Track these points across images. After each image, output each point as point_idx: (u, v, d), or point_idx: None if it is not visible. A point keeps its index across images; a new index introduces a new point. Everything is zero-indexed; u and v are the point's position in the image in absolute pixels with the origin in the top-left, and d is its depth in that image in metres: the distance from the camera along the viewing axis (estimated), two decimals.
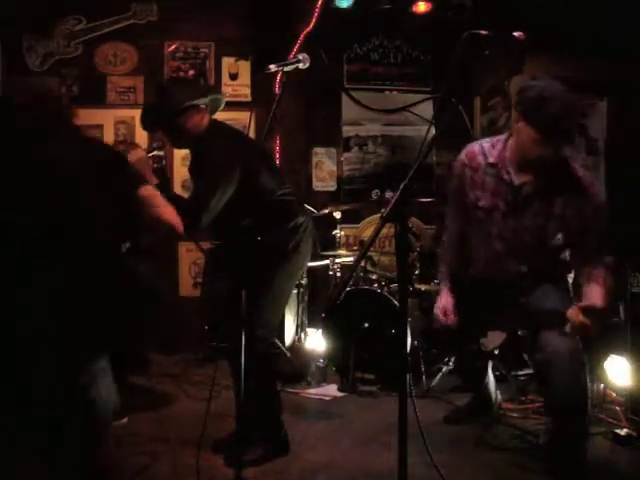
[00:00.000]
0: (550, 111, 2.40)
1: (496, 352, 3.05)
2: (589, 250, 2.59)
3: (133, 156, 2.96)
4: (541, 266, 2.70)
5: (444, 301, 2.92)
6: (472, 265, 2.94)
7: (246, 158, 2.84)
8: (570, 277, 2.85)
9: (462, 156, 2.83)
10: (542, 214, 2.61)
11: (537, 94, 2.45)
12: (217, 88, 5.31)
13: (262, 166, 3.01)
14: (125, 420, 3.58)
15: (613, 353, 3.60)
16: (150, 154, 3.00)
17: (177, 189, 5.13)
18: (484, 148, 2.74)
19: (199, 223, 2.83)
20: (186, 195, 3.23)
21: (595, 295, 2.49)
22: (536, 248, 2.65)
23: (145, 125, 3.14)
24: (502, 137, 2.74)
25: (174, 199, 3.07)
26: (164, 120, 3.00)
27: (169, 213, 1.96)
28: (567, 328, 2.50)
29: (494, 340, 2.92)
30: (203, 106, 3.01)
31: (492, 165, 2.69)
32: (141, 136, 5.19)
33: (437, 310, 2.93)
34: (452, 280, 2.97)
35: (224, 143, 2.96)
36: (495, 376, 4.34)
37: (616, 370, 3.58)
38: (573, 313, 2.46)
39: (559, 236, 2.62)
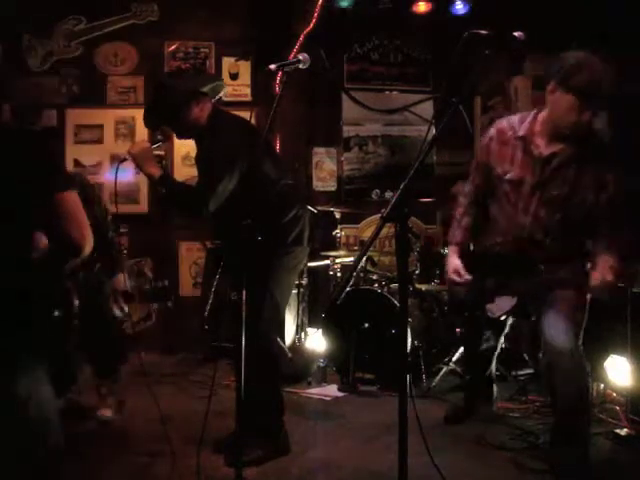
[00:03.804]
0: (591, 74, 2.44)
1: (502, 318, 2.97)
2: (608, 222, 2.62)
3: (137, 147, 2.96)
4: (563, 241, 2.71)
5: (454, 262, 2.97)
6: (488, 238, 2.95)
7: (251, 146, 2.84)
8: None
9: (491, 131, 2.85)
10: (569, 183, 2.62)
11: (576, 61, 2.50)
12: (216, 75, 5.30)
13: (265, 155, 3.02)
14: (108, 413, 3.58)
15: (613, 353, 3.60)
16: (154, 145, 3.01)
17: None
18: (513, 123, 2.77)
19: (207, 207, 2.85)
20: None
21: (611, 258, 2.53)
22: (560, 220, 2.66)
23: (148, 123, 3.14)
24: (531, 112, 2.75)
25: (181, 186, 3.09)
26: (168, 114, 3.00)
27: (83, 230, 1.82)
28: (593, 292, 2.57)
29: (502, 306, 2.85)
30: (204, 95, 3.01)
31: (521, 138, 2.71)
32: (142, 136, 5.20)
33: (449, 271, 3.00)
34: (462, 248, 3.04)
35: (230, 130, 2.97)
36: (495, 376, 4.35)
37: (616, 370, 3.58)
38: (599, 275, 2.49)
39: (583, 206, 2.63)
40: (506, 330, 3.22)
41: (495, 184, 2.84)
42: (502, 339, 3.35)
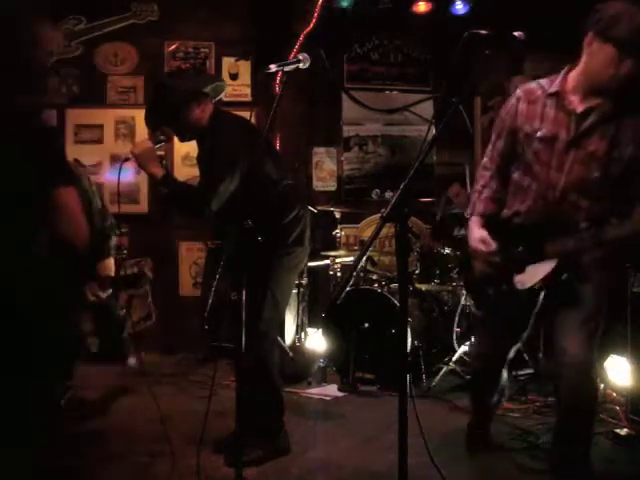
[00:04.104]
0: (631, 23, 2.35)
1: (536, 287, 2.57)
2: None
3: (139, 147, 2.96)
4: (598, 202, 2.53)
5: (478, 232, 2.74)
6: (513, 206, 2.74)
7: (252, 146, 2.84)
8: None
9: (517, 92, 2.70)
10: (607, 139, 2.47)
11: (615, 11, 2.40)
12: (217, 75, 5.30)
13: (267, 155, 3.02)
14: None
15: (613, 353, 3.60)
16: (157, 145, 3.01)
17: None
18: (542, 83, 2.64)
19: (209, 208, 2.85)
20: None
21: None
22: (597, 179, 2.49)
23: (150, 123, 3.13)
24: (560, 73, 2.62)
25: (183, 186, 3.10)
26: (168, 114, 3.00)
27: (78, 227, 1.86)
28: None
29: (536, 273, 2.54)
30: (205, 95, 3.02)
31: (553, 94, 2.57)
32: (142, 136, 5.19)
33: (474, 242, 2.73)
34: (486, 220, 2.81)
35: (231, 130, 2.98)
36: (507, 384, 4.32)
37: (616, 370, 3.58)
38: None
39: (622, 163, 2.47)
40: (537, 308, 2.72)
41: (522, 147, 2.65)
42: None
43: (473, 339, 4.17)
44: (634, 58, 2.37)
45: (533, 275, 2.57)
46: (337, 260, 4.85)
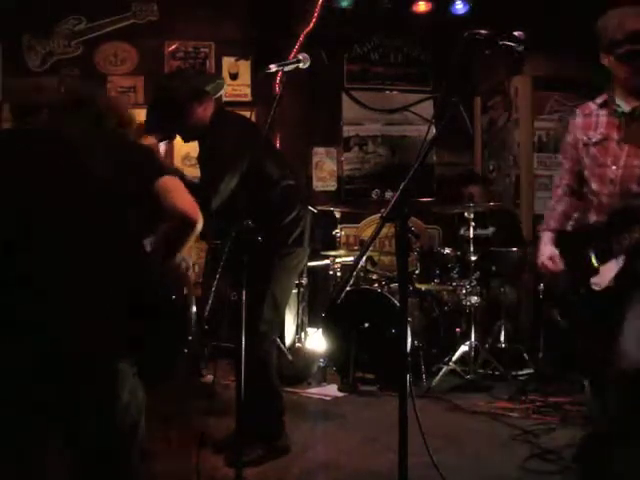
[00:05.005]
0: (608, 31, 2.50)
1: (611, 286, 2.55)
2: None
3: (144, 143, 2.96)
4: None
5: (548, 249, 2.80)
6: (586, 220, 2.79)
7: (253, 145, 2.84)
8: None
9: (575, 111, 2.85)
10: None
11: (600, 25, 2.56)
12: (216, 74, 5.31)
13: (268, 155, 3.02)
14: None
15: None
16: (161, 142, 3.00)
17: None
18: (594, 100, 2.78)
19: (209, 207, 2.85)
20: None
21: None
22: None
23: (151, 124, 3.12)
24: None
25: (186, 184, 3.09)
26: (171, 114, 2.99)
27: (186, 201, 1.95)
28: None
29: (608, 273, 2.56)
30: (207, 94, 3.01)
31: (602, 104, 2.70)
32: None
33: (542, 258, 2.79)
34: (556, 234, 2.86)
35: (232, 129, 2.98)
36: (494, 376, 4.34)
37: None
38: None
39: None
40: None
41: (582, 159, 2.75)
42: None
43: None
44: (633, 58, 2.45)
45: (607, 274, 2.57)
46: (337, 260, 4.85)
